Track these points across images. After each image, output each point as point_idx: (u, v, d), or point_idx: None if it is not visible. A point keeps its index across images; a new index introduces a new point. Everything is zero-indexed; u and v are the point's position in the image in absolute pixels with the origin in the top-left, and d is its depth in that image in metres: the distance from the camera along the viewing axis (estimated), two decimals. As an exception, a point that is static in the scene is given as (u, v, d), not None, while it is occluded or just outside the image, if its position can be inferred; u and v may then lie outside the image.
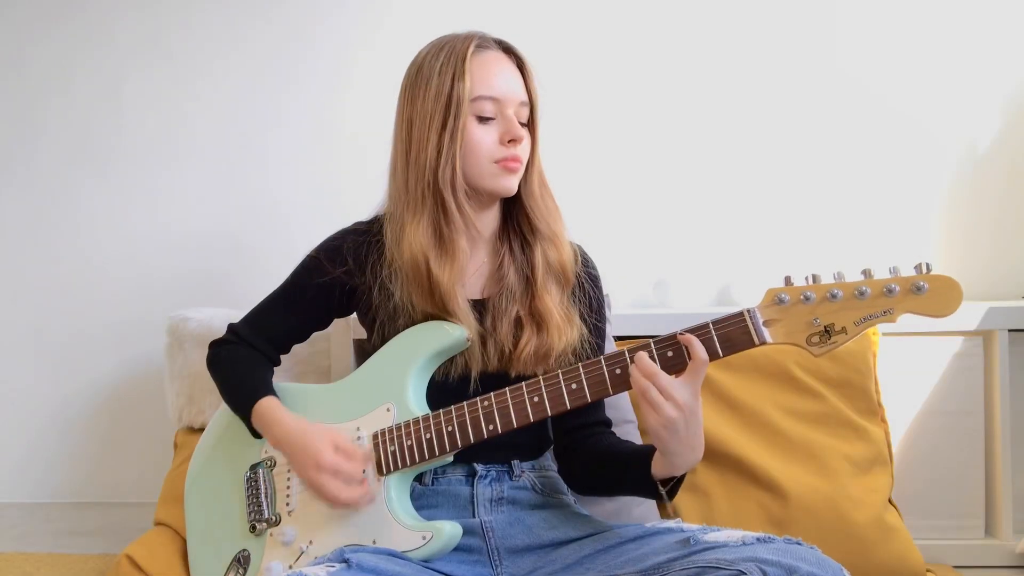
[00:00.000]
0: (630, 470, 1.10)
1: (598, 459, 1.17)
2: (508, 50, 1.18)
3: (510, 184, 1.15)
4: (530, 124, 1.18)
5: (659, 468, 1.04)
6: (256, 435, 1.22)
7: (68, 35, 2.22)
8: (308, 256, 1.26)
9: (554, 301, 1.16)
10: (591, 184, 2.05)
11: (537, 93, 1.18)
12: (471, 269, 1.20)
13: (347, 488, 1.09)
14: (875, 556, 1.51)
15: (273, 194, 2.18)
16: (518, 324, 1.15)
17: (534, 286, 1.16)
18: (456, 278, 1.13)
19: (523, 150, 1.15)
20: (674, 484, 1.07)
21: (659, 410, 0.97)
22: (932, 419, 1.72)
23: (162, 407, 1.89)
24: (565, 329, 1.15)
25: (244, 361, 1.26)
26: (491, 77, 1.13)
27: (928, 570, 1.54)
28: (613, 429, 1.25)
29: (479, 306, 1.18)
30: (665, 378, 0.98)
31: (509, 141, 1.13)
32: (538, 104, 1.18)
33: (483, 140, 1.13)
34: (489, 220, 1.21)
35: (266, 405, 1.18)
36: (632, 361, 1.01)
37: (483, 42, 1.16)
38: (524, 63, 1.17)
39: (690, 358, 0.99)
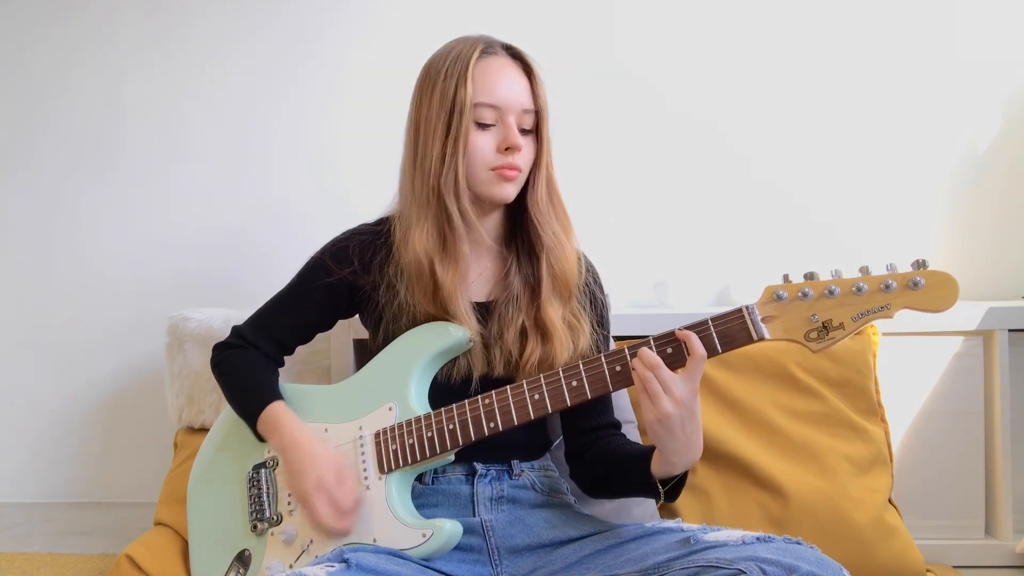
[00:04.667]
0: (632, 470, 1.10)
1: (604, 461, 1.17)
2: (516, 56, 1.16)
3: (506, 192, 1.15)
4: (536, 131, 1.16)
5: (658, 467, 1.04)
6: (259, 438, 1.22)
7: (68, 35, 2.23)
8: (314, 257, 1.26)
9: (557, 313, 1.16)
10: (591, 184, 2.05)
11: (545, 100, 1.16)
12: (476, 272, 1.20)
13: (335, 517, 1.09)
14: (875, 556, 1.51)
15: (273, 194, 2.18)
16: (523, 333, 1.16)
17: (539, 297, 1.16)
18: (459, 282, 1.13)
19: (522, 158, 1.14)
20: (674, 485, 1.07)
21: (658, 403, 0.97)
22: (932, 419, 1.72)
23: (162, 407, 1.89)
24: (567, 341, 1.15)
25: (250, 365, 1.25)
26: (492, 84, 1.12)
27: (928, 570, 1.54)
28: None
29: (483, 309, 1.18)
30: (666, 372, 0.98)
31: (506, 149, 1.12)
32: (546, 111, 1.16)
33: (481, 147, 1.12)
34: (492, 225, 1.21)
35: (276, 410, 1.19)
36: (633, 356, 1.02)
37: (489, 47, 1.15)
38: (532, 69, 1.16)
39: (688, 354, 0.99)
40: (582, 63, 2.07)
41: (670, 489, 1.07)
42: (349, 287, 1.23)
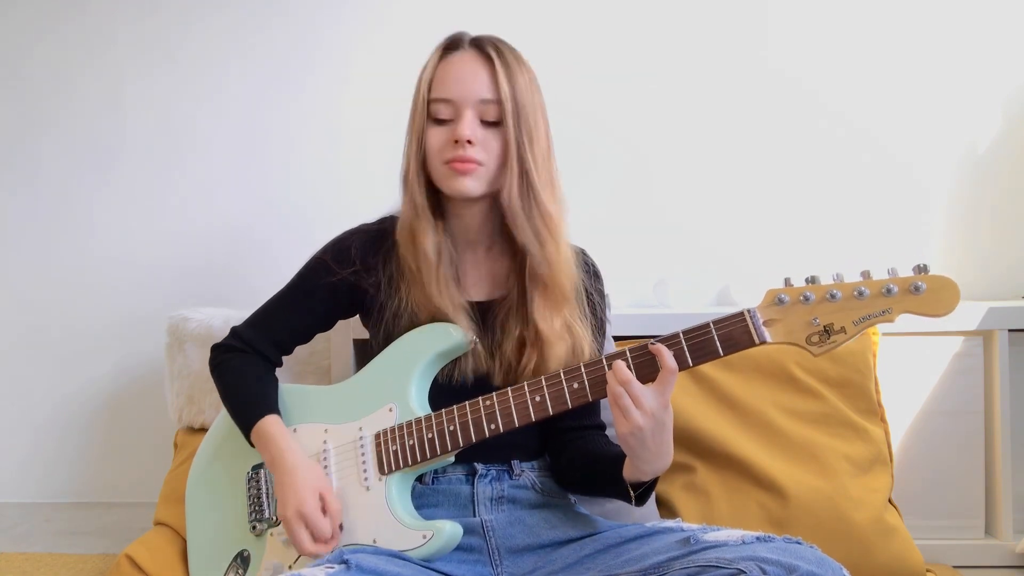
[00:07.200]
0: (604, 472, 1.11)
1: (580, 460, 1.17)
2: (480, 47, 1.15)
3: (463, 186, 1.12)
4: (502, 123, 1.12)
5: (629, 473, 1.05)
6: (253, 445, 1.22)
7: (69, 37, 2.23)
8: (314, 257, 1.26)
9: (551, 317, 1.14)
10: (592, 184, 2.05)
11: (511, 90, 1.11)
12: (472, 272, 1.20)
13: (314, 544, 1.09)
14: (875, 556, 1.51)
15: (275, 193, 2.18)
16: (520, 342, 1.15)
17: (530, 302, 1.15)
18: (434, 276, 1.14)
19: (480, 151, 1.12)
20: (645, 489, 1.07)
21: (629, 417, 0.98)
22: (932, 419, 1.72)
23: (162, 407, 1.89)
24: (560, 346, 1.14)
25: (248, 373, 1.24)
26: (447, 79, 1.13)
27: (928, 570, 1.54)
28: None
29: (482, 309, 1.18)
30: (638, 386, 0.98)
31: (455, 142, 1.12)
32: (511, 102, 1.11)
33: (434, 141, 1.14)
34: (474, 222, 1.19)
35: (268, 425, 1.18)
36: (609, 367, 1.02)
37: (453, 43, 1.16)
38: (492, 58, 1.13)
39: (660, 368, 0.99)
40: (582, 65, 2.07)
41: (641, 494, 1.08)
42: (350, 287, 1.22)
